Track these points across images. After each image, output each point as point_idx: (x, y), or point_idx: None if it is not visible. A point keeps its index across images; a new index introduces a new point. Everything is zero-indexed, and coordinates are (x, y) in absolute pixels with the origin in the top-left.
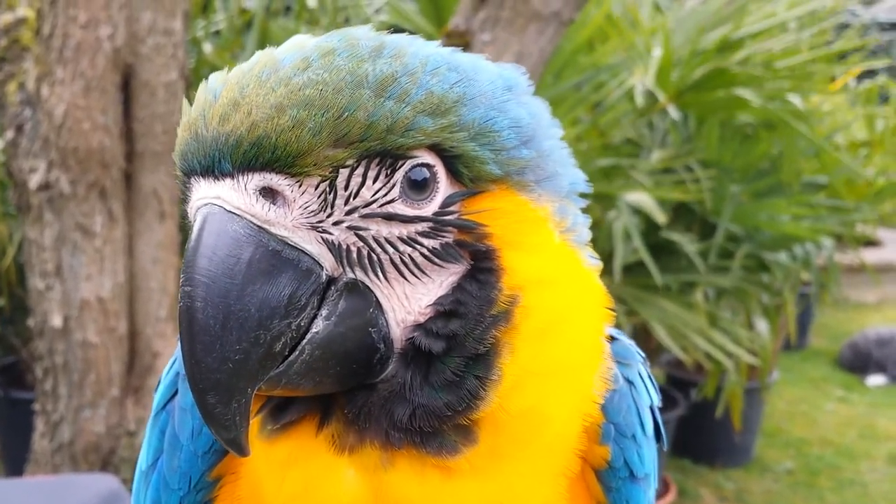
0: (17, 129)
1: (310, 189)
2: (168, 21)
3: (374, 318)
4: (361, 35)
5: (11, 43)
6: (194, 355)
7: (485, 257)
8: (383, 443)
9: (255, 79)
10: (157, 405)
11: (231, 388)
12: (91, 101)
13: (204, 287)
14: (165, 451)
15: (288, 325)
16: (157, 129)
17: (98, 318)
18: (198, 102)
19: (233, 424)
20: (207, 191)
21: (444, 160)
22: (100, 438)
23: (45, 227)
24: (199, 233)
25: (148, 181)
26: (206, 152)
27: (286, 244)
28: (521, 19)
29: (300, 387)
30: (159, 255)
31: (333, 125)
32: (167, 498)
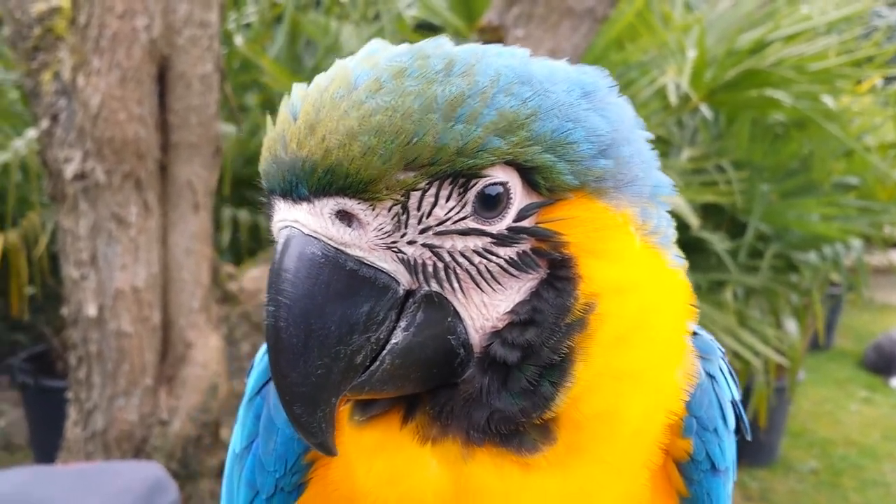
0: (52, 118)
1: (383, 212)
2: (204, 13)
3: (453, 326)
4: (432, 51)
5: (45, 32)
6: (280, 371)
7: (562, 265)
8: (464, 439)
9: (329, 100)
10: (251, 390)
11: (315, 399)
12: (127, 91)
13: (286, 308)
14: (261, 435)
15: (367, 339)
16: (192, 121)
17: (132, 307)
18: (279, 122)
19: (319, 431)
20: (287, 213)
21: (519, 171)
22: (132, 427)
23: (80, 216)
24: (281, 255)
25: (182, 172)
26: (285, 176)
27: (363, 263)
28: (555, 15)
29: (383, 391)
30: (193, 245)
31: (403, 151)
32: (262, 479)
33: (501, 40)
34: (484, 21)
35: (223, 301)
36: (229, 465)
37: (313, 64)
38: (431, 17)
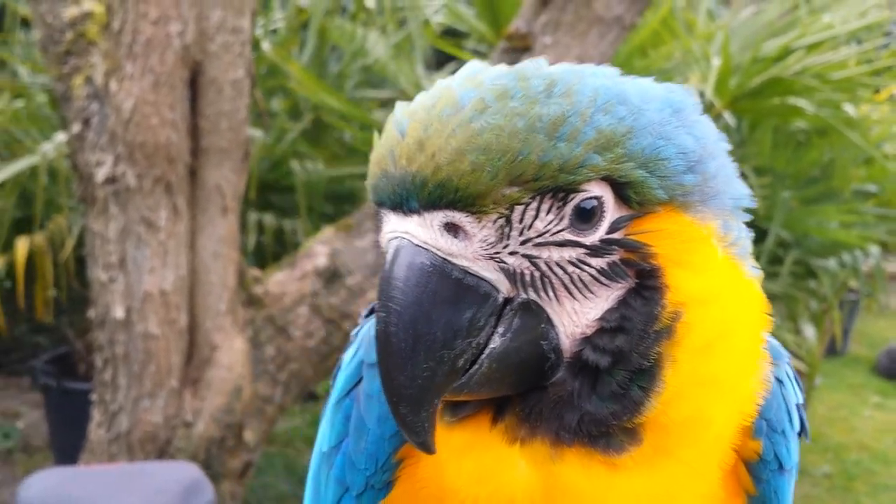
0: (83, 122)
1: (488, 224)
2: (237, 19)
3: (546, 332)
4: (533, 73)
5: (77, 37)
6: (388, 373)
7: (650, 275)
8: (553, 440)
9: (437, 119)
10: (339, 392)
11: (420, 400)
12: (160, 96)
13: (396, 314)
14: (351, 435)
15: (469, 344)
16: (222, 126)
17: (160, 310)
18: (386, 138)
19: (422, 430)
20: (397, 225)
21: (612, 186)
22: (157, 429)
23: (109, 219)
24: (391, 264)
25: (212, 177)
26: (395, 190)
27: (467, 273)
28: (583, 23)
29: (479, 393)
30: (221, 249)
31: (509, 168)
32: (353, 477)
33: (529, 48)
34: (512, 28)
35: (248, 304)
36: (316, 464)
37: (339, 69)
38: (458, 23)
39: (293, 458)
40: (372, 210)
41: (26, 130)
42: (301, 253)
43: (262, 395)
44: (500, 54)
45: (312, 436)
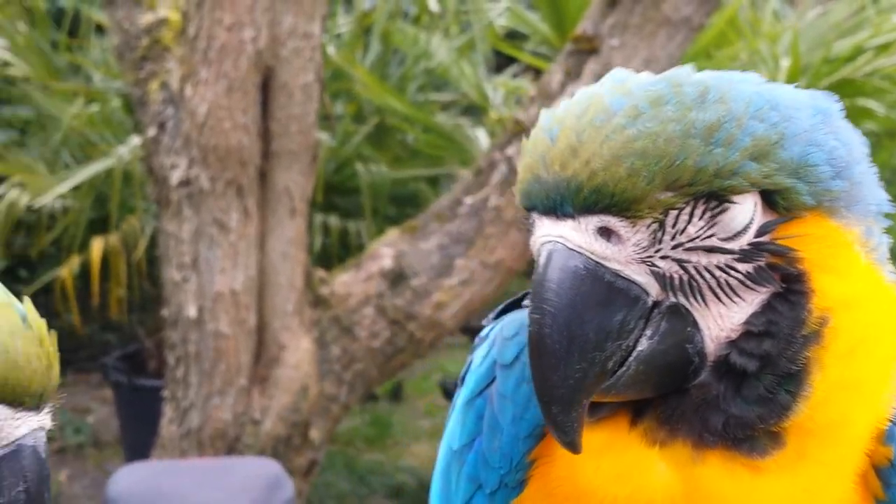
0: (159, 126)
1: (642, 228)
2: (308, 25)
3: (691, 336)
4: (685, 79)
5: (153, 43)
6: (542, 374)
7: (796, 280)
8: (695, 442)
9: (589, 125)
10: (471, 391)
11: (571, 400)
12: (233, 101)
13: (551, 316)
14: (484, 433)
15: (619, 346)
16: (292, 129)
17: (230, 309)
18: (536, 144)
19: (571, 430)
20: (551, 229)
21: (760, 191)
22: (226, 426)
23: (183, 221)
24: (545, 268)
25: (281, 179)
26: (548, 195)
27: (619, 276)
28: (651, 25)
29: (624, 394)
30: (289, 250)
31: (665, 173)
32: (486, 475)
33: (596, 50)
34: (579, 31)
35: (315, 305)
36: (445, 461)
37: (401, 73)
38: (521, 26)
39: (353, 457)
40: (520, 214)
41: (101, 134)
42: (366, 254)
43: (328, 394)
44: (567, 56)
45: (372, 435)
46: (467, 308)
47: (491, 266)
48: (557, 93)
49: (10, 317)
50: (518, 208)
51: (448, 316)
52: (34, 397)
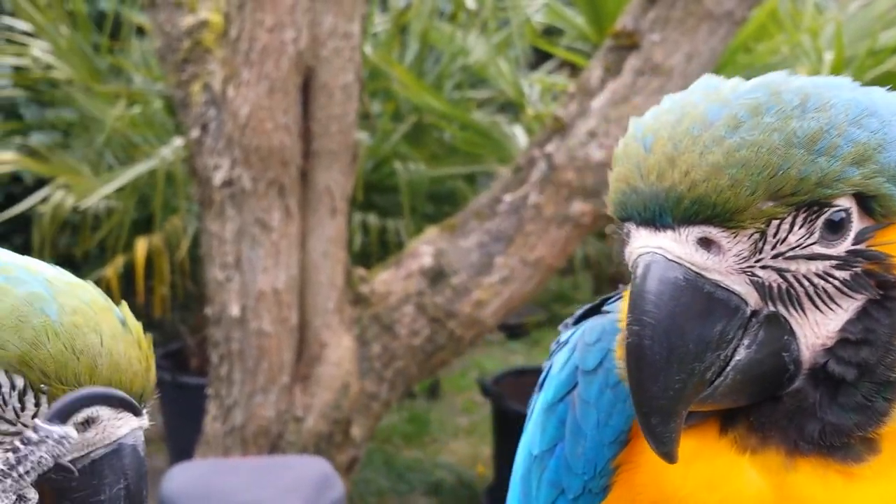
0: (201, 127)
1: (743, 239)
2: (347, 25)
3: (788, 344)
4: (783, 86)
5: (194, 45)
6: (641, 385)
7: (892, 287)
8: (789, 449)
9: (686, 135)
10: (552, 396)
11: (670, 411)
12: (274, 101)
13: (650, 327)
14: (567, 439)
15: (717, 356)
16: (332, 129)
17: (273, 308)
18: (628, 154)
19: (669, 440)
20: (648, 240)
21: (858, 198)
22: (269, 423)
23: (226, 221)
24: (644, 279)
25: (322, 179)
26: (646, 205)
27: (719, 287)
28: (693, 19)
29: (720, 403)
30: (329, 249)
31: (769, 183)
32: (569, 481)
33: (637, 45)
34: (619, 26)
35: (355, 303)
36: (525, 466)
37: (438, 71)
38: (559, 22)
39: (392, 454)
40: (616, 225)
41: (143, 136)
42: (406, 252)
43: (369, 391)
44: (607, 52)
45: (410, 432)
46: (507, 306)
47: (531, 263)
48: (597, 89)
49: (110, 321)
50: (613, 218)
51: (488, 314)
52: (134, 397)
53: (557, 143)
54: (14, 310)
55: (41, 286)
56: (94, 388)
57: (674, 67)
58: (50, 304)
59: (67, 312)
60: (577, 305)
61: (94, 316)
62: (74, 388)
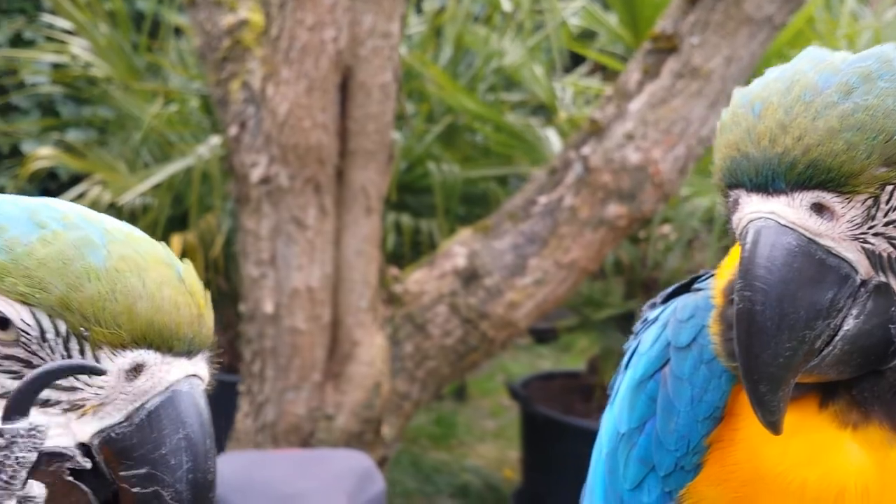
0: (240, 125)
1: (857, 205)
2: (387, 24)
3: (894, 315)
4: (893, 55)
5: (234, 43)
6: (751, 351)
7: None
8: (892, 424)
9: (797, 101)
10: (642, 374)
11: (779, 379)
12: (313, 100)
13: (762, 293)
14: (658, 416)
15: (827, 325)
16: (369, 128)
17: (306, 305)
18: (737, 121)
19: (776, 409)
20: (760, 206)
21: None
22: (300, 420)
23: (262, 218)
24: (755, 244)
25: (358, 177)
26: (758, 170)
27: (830, 253)
28: (733, 23)
29: (825, 374)
30: (364, 248)
31: (883, 147)
32: (660, 458)
33: (675, 48)
34: (658, 29)
35: (388, 302)
36: (611, 445)
37: (471, 73)
38: (595, 26)
39: (419, 455)
40: (722, 193)
41: (179, 133)
42: (439, 253)
43: (400, 391)
44: (645, 55)
45: (437, 434)
46: (540, 308)
47: (565, 266)
48: (635, 91)
49: (161, 269)
50: (718, 185)
51: (521, 315)
52: (183, 342)
53: (594, 146)
54: (60, 253)
55: (96, 233)
56: (54, 364)
57: (713, 71)
58: (98, 249)
59: (113, 258)
60: (609, 310)
61: (141, 263)
62: (114, 330)
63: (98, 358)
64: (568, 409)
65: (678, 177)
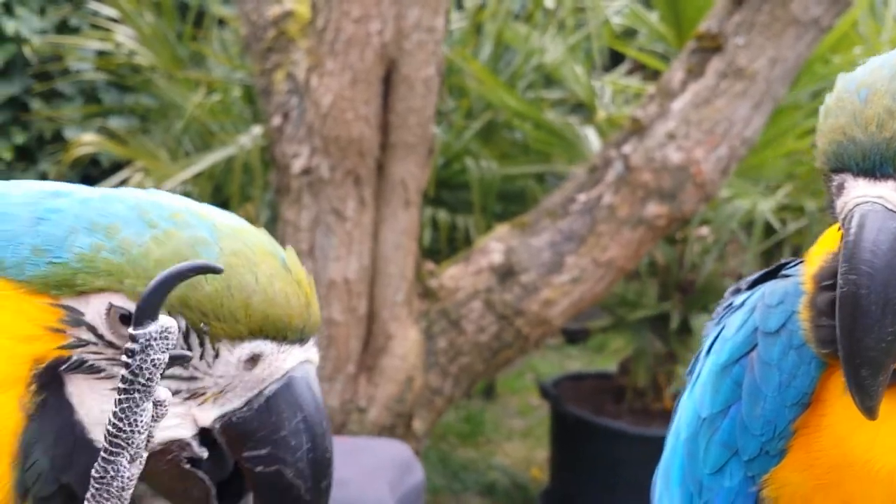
0: (283, 116)
1: None
2: (432, 19)
3: None
4: None
5: (279, 34)
6: (854, 336)
7: None
8: None
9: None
10: (727, 359)
11: (880, 364)
12: (356, 92)
13: (867, 277)
14: (744, 400)
15: None
16: (411, 122)
17: (343, 297)
18: (842, 106)
19: (875, 394)
20: (867, 190)
21: None
22: (333, 412)
23: (302, 209)
24: (861, 228)
25: (397, 171)
26: (865, 155)
27: None
28: (779, 24)
29: None
30: (401, 241)
31: None
32: (745, 442)
33: (720, 48)
34: (702, 28)
35: (424, 297)
36: (691, 428)
37: (511, 70)
38: (638, 24)
39: (447, 452)
40: (825, 177)
41: (220, 123)
42: (476, 248)
43: (433, 386)
44: (689, 54)
45: (465, 432)
46: (576, 306)
47: (603, 264)
48: (678, 91)
49: (270, 262)
50: (821, 169)
51: (556, 313)
52: (295, 331)
53: (635, 144)
54: (176, 253)
55: (206, 230)
56: (174, 269)
57: (758, 72)
58: (211, 247)
59: (226, 254)
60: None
61: (252, 257)
62: (231, 324)
63: (218, 350)
64: (599, 410)
65: (720, 177)
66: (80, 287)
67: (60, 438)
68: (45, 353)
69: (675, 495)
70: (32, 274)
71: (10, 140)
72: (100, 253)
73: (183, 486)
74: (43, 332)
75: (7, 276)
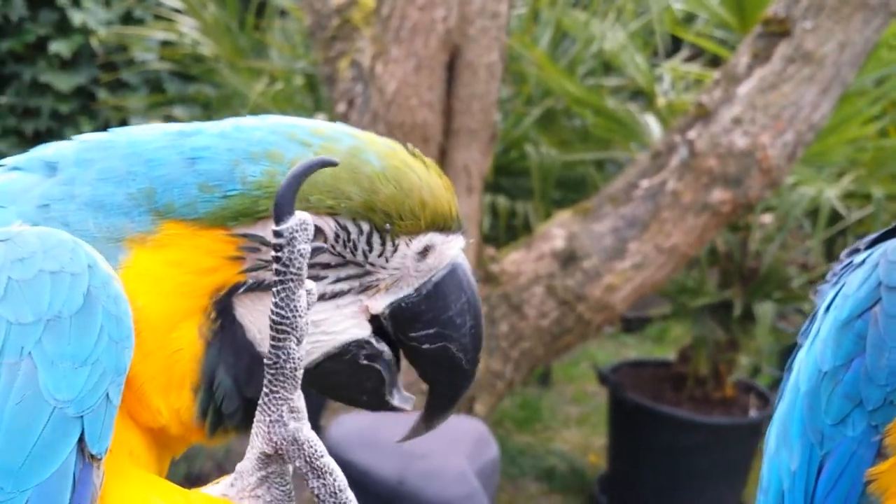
0: (348, 102)
1: None
2: (496, 4)
3: None
4: None
5: (343, 23)
6: None
7: None
8: None
9: None
10: (849, 314)
11: None
12: (420, 79)
13: None
14: (868, 353)
15: None
16: (474, 108)
17: None
18: None
19: None
20: None
21: None
22: None
23: None
24: None
25: (460, 157)
26: None
27: None
28: (847, 8)
29: None
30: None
31: None
32: (869, 393)
33: (787, 32)
34: (770, 13)
35: (485, 281)
36: (812, 382)
37: (570, 56)
38: (699, 10)
39: (504, 437)
40: None
41: (284, 111)
42: (538, 234)
43: (494, 370)
44: (755, 39)
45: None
46: (638, 292)
47: (665, 251)
48: (744, 76)
49: (415, 161)
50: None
51: (618, 299)
52: (455, 221)
53: (700, 130)
54: (346, 164)
55: (352, 139)
56: (302, 165)
57: (826, 56)
58: (368, 153)
59: (384, 158)
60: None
61: (404, 157)
62: (412, 221)
63: (397, 246)
64: (658, 398)
65: (786, 163)
66: (261, 213)
67: (238, 358)
68: (224, 281)
69: (795, 446)
70: (206, 210)
71: (78, 129)
72: (275, 178)
73: (357, 380)
74: (222, 263)
75: (176, 216)
